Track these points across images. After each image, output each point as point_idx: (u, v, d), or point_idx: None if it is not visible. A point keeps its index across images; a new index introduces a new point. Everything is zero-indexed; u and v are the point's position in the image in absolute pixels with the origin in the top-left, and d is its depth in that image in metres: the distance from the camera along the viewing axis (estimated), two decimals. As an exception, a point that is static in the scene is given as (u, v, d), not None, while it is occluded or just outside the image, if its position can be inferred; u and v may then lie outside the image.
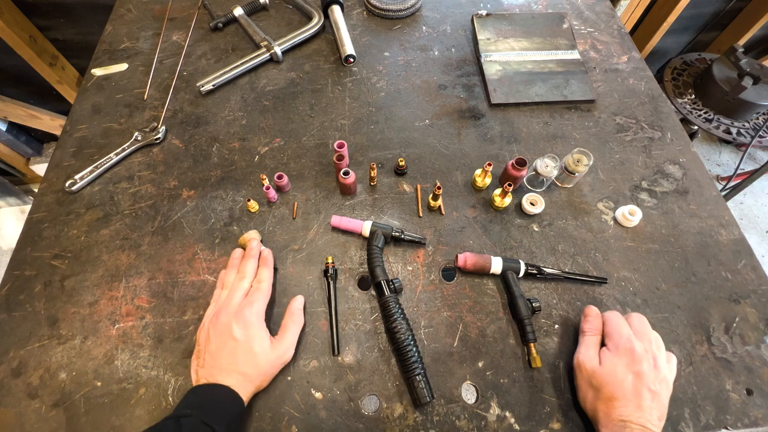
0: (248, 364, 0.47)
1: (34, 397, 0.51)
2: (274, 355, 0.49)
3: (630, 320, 0.51)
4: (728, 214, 0.65)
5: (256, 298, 0.52)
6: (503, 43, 0.83)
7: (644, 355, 0.46)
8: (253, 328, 0.49)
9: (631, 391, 0.44)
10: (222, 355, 0.48)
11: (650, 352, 0.47)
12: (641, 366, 0.45)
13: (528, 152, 0.71)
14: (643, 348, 0.47)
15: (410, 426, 0.49)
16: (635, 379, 0.45)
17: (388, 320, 0.53)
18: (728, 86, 1.33)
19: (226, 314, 0.50)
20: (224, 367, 0.47)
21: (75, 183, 0.66)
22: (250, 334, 0.49)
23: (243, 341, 0.48)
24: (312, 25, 0.84)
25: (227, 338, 0.48)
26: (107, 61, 0.82)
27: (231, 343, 0.48)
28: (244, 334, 0.48)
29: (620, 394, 0.44)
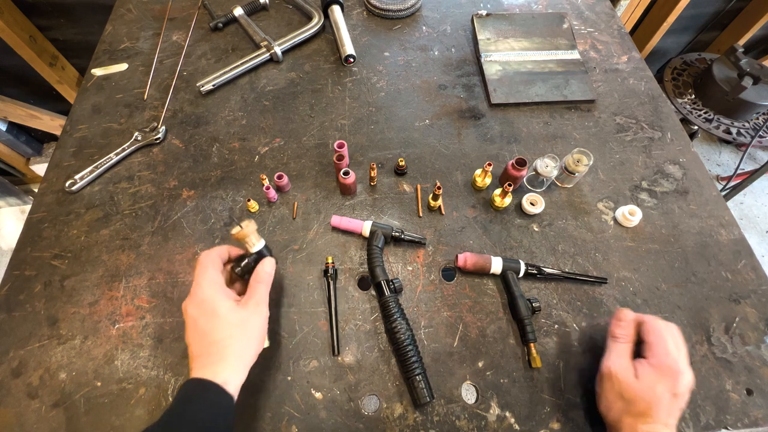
0: (217, 330, 0.44)
1: (34, 397, 0.51)
2: (244, 312, 0.46)
3: (669, 332, 0.47)
4: (728, 214, 0.65)
5: (205, 263, 0.47)
6: (503, 43, 0.83)
7: (686, 375, 0.44)
8: (202, 294, 0.45)
9: (666, 410, 0.43)
10: (192, 341, 0.44)
11: (689, 371, 0.45)
12: (682, 387, 0.44)
13: (528, 152, 0.71)
14: (686, 368, 0.45)
15: (410, 426, 0.49)
16: (672, 398, 0.43)
17: (388, 320, 0.53)
18: (728, 86, 1.33)
19: (186, 303, 0.47)
20: (197, 353, 0.44)
21: (75, 183, 0.66)
22: (206, 301, 0.45)
23: (201, 312, 0.44)
24: (312, 25, 0.84)
25: (188, 323, 0.45)
26: (107, 61, 0.82)
27: (191, 324, 0.45)
28: (199, 305, 0.45)
29: (655, 412, 0.43)
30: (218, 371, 0.42)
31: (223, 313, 0.44)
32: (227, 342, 0.43)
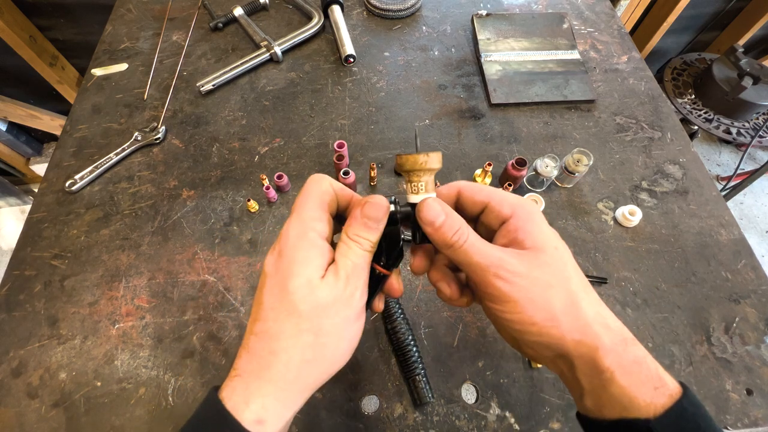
0: (273, 317, 0.26)
1: (34, 397, 0.51)
2: (333, 292, 0.26)
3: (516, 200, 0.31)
4: (728, 214, 0.65)
5: (302, 202, 0.29)
6: (503, 43, 0.83)
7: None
8: (290, 249, 0.27)
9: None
10: (252, 316, 0.28)
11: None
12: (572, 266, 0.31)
13: (528, 152, 0.71)
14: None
15: (410, 426, 0.49)
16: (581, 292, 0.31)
17: (388, 320, 0.53)
18: (728, 86, 1.33)
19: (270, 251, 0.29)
20: (247, 344, 0.27)
21: (75, 183, 0.66)
22: (284, 257, 0.27)
23: (275, 271, 0.27)
24: (312, 25, 0.84)
25: (260, 281, 0.28)
26: (107, 61, 0.82)
27: (260, 287, 0.28)
28: (276, 260, 0.28)
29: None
30: (253, 397, 0.25)
31: (296, 278, 0.26)
32: (282, 344, 0.26)
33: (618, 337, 0.27)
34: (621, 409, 0.26)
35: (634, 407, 0.25)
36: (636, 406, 0.25)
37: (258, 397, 0.25)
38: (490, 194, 0.30)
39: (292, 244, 0.27)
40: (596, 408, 0.27)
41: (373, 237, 0.29)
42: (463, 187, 0.32)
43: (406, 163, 0.30)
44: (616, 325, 0.28)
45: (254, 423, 0.24)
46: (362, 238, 0.29)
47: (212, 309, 0.57)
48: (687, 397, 0.26)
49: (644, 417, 0.25)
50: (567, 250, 0.29)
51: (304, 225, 0.28)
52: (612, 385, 0.26)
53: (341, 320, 0.27)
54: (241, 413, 0.24)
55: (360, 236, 0.28)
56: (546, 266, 0.27)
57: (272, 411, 0.25)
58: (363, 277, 0.28)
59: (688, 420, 0.25)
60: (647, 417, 0.25)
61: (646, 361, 0.27)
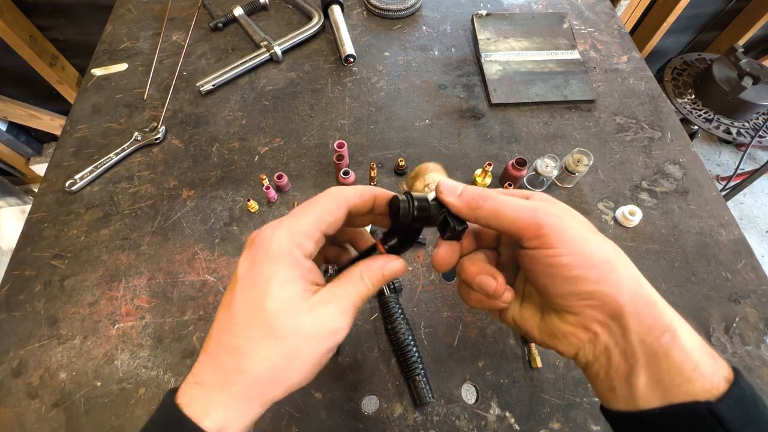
0: (245, 322, 0.25)
1: (34, 397, 0.51)
2: (310, 307, 0.25)
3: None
4: (728, 214, 0.65)
5: (302, 212, 0.27)
6: (503, 43, 0.83)
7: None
8: (268, 262, 0.25)
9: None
10: (218, 315, 0.26)
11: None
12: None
13: (528, 152, 0.71)
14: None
15: (410, 426, 0.49)
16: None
17: (388, 320, 0.53)
18: (728, 86, 1.33)
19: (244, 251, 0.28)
20: (210, 344, 0.26)
21: (75, 183, 0.66)
22: (262, 275, 0.25)
23: (250, 272, 0.26)
24: (312, 25, 0.84)
25: (229, 289, 0.27)
26: (107, 61, 0.82)
27: (230, 286, 0.26)
28: (253, 258, 0.26)
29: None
30: (214, 407, 0.24)
31: (274, 299, 0.25)
32: (253, 363, 0.24)
33: (673, 312, 0.25)
34: (682, 382, 0.23)
35: (697, 378, 0.22)
36: (699, 376, 0.22)
37: (219, 409, 0.24)
38: (498, 220, 0.27)
39: (273, 256, 0.25)
40: (650, 386, 0.24)
41: (378, 288, 0.29)
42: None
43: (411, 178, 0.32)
44: (664, 304, 0.26)
45: (216, 430, 0.24)
46: (371, 282, 0.28)
47: (212, 309, 0.57)
48: (742, 376, 0.24)
49: (705, 398, 0.22)
50: (608, 246, 0.27)
51: (292, 239, 0.26)
52: (675, 348, 0.23)
53: (321, 349, 0.26)
54: (202, 421, 0.24)
55: (371, 280, 0.28)
56: (596, 246, 0.26)
57: (233, 421, 0.24)
58: (354, 315, 0.27)
59: (747, 399, 0.23)
60: (709, 398, 0.22)
61: (699, 338, 0.25)
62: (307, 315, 0.25)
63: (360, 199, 0.29)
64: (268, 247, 0.25)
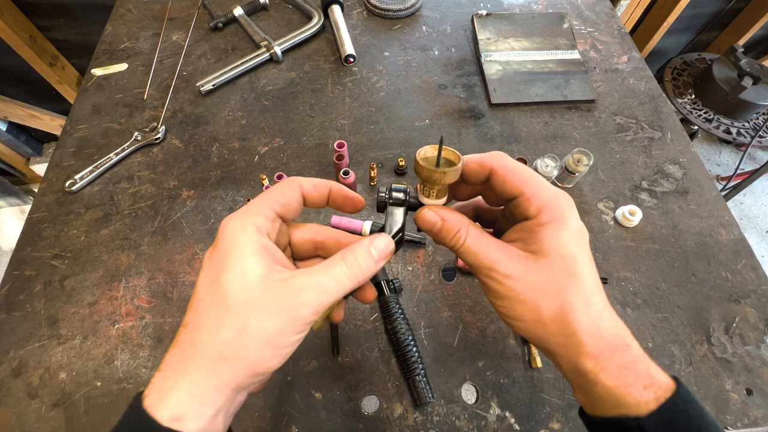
0: (203, 297, 0.25)
1: (34, 397, 0.51)
2: (269, 292, 0.24)
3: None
4: (728, 214, 0.65)
5: (256, 198, 0.28)
6: (503, 43, 0.83)
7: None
8: (227, 242, 0.26)
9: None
10: (178, 334, 0.26)
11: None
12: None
13: (528, 152, 0.71)
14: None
15: (410, 426, 0.49)
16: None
17: (388, 320, 0.53)
18: (728, 86, 1.33)
19: None
20: (170, 362, 0.25)
21: (75, 183, 0.66)
22: (220, 254, 0.26)
23: (206, 268, 0.26)
24: (312, 24, 0.84)
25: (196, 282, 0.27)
26: (107, 61, 0.82)
27: (193, 293, 0.26)
28: (209, 258, 0.26)
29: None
30: (168, 393, 0.23)
31: (229, 272, 0.25)
32: (202, 336, 0.24)
33: (607, 345, 0.26)
34: (611, 408, 0.26)
35: (623, 405, 0.25)
36: (626, 405, 0.25)
37: (173, 393, 0.23)
38: (523, 187, 0.28)
39: (228, 236, 0.26)
40: (587, 404, 0.28)
41: (368, 270, 0.27)
42: (498, 169, 0.29)
43: (421, 174, 0.30)
44: (611, 333, 0.27)
45: (171, 420, 0.22)
46: (355, 263, 0.27)
47: (212, 309, 0.56)
48: (679, 394, 0.25)
49: (635, 415, 0.25)
50: (580, 260, 0.27)
51: (245, 219, 0.27)
52: (597, 386, 0.26)
53: (272, 326, 0.24)
54: (157, 411, 0.23)
55: (355, 261, 0.27)
56: (543, 273, 0.27)
57: (188, 407, 0.23)
58: (324, 298, 0.25)
59: (679, 415, 0.25)
60: (638, 415, 0.25)
61: (636, 364, 0.26)
62: (258, 289, 0.24)
63: (314, 189, 0.30)
64: (225, 230, 0.26)
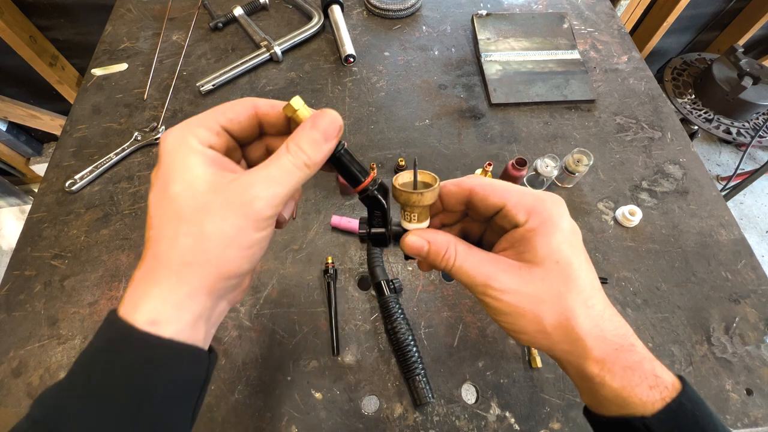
0: (158, 210, 0.25)
1: (34, 397, 0.51)
2: (218, 194, 0.24)
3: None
4: (728, 214, 0.65)
5: (205, 112, 0.27)
6: (503, 43, 0.83)
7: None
8: (168, 155, 0.25)
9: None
10: (143, 252, 0.26)
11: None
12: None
13: (528, 152, 0.71)
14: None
15: (410, 426, 0.49)
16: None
17: (388, 320, 0.53)
18: (728, 86, 1.33)
19: None
20: (138, 276, 0.25)
21: (75, 183, 0.66)
22: (164, 169, 0.25)
23: (154, 186, 0.25)
24: (312, 24, 0.84)
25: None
26: (107, 61, 0.82)
27: (147, 213, 0.26)
28: (155, 174, 0.26)
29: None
30: (142, 301, 0.24)
31: (176, 183, 0.24)
32: (163, 247, 0.24)
33: (612, 346, 0.26)
34: (617, 408, 0.26)
35: (629, 406, 0.26)
36: (632, 405, 0.25)
37: (146, 301, 0.24)
38: (506, 196, 0.28)
39: (170, 149, 0.25)
40: (594, 405, 0.28)
41: (313, 154, 0.25)
42: (476, 187, 0.29)
43: (399, 198, 0.29)
44: (614, 334, 0.27)
45: (148, 324, 0.23)
46: (300, 151, 0.25)
47: (212, 309, 0.56)
48: (685, 394, 0.26)
49: (640, 414, 0.25)
50: (575, 263, 0.28)
51: (184, 130, 0.26)
52: (603, 388, 0.26)
53: (229, 226, 0.24)
54: (132, 316, 0.23)
55: (299, 148, 0.25)
56: (540, 281, 0.27)
57: (163, 312, 0.23)
58: (276, 189, 0.24)
59: (686, 415, 0.25)
60: (644, 414, 0.25)
61: (642, 364, 0.26)
62: (208, 194, 0.24)
63: (272, 109, 0.28)
64: (165, 145, 0.26)
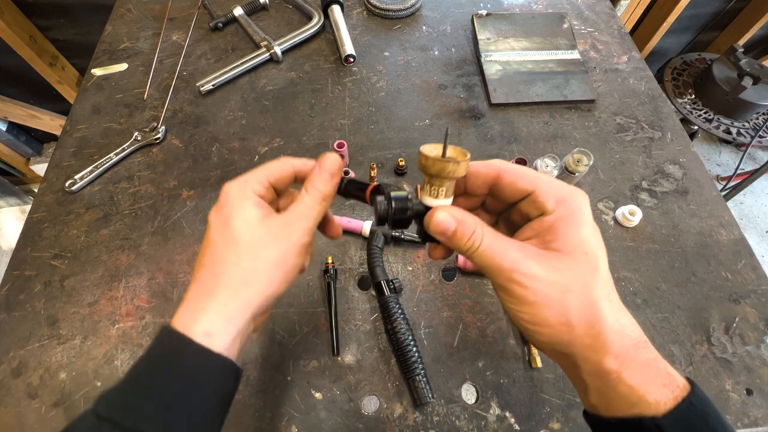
0: (219, 245, 0.30)
1: (34, 397, 0.51)
2: (268, 229, 0.31)
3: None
4: (728, 214, 0.65)
5: (252, 170, 0.33)
6: (503, 42, 0.83)
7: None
8: (230, 200, 0.31)
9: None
10: (198, 263, 0.31)
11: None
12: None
13: (528, 152, 0.71)
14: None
15: (410, 426, 0.49)
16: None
17: (388, 320, 0.53)
18: (728, 86, 1.33)
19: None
20: (194, 279, 0.31)
21: (75, 183, 0.66)
22: (226, 210, 0.31)
23: (217, 218, 0.31)
24: (312, 24, 0.84)
25: (204, 237, 0.32)
26: (107, 61, 0.82)
27: (205, 238, 0.32)
28: (218, 209, 0.32)
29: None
30: (199, 314, 0.28)
31: (236, 219, 0.30)
32: (225, 268, 0.29)
33: (631, 342, 0.26)
34: (629, 406, 0.26)
35: (642, 404, 0.25)
36: (644, 403, 0.25)
37: (204, 314, 0.28)
38: (535, 182, 0.29)
39: (232, 195, 0.31)
40: (602, 405, 0.27)
41: (324, 188, 0.32)
42: (506, 170, 0.30)
43: (432, 168, 0.27)
44: (633, 329, 0.27)
45: (203, 335, 0.28)
46: (315, 189, 0.32)
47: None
48: (695, 394, 0.26)
49: (652, 414, 0.25)
50: (600, 256, 0.27)
51: (243, 184, 0.32)
52: (619, 385, 0.26)
53: (278, 251, 0.30)
54: (191, 329, 0.28)
55: (314, 187, 0.32)
56: (568, 270, 0.26)
57: (217, 325, 0.28)
58: (306, 223, 0.32)
59: (696, 414, 0.25)
60: (655, 415, 0.25)
61: (656, 362, 0.26)
62: (262, 227, 0.31)
63: (304, 166, 0.34)
64: (228, 193, 0.32)
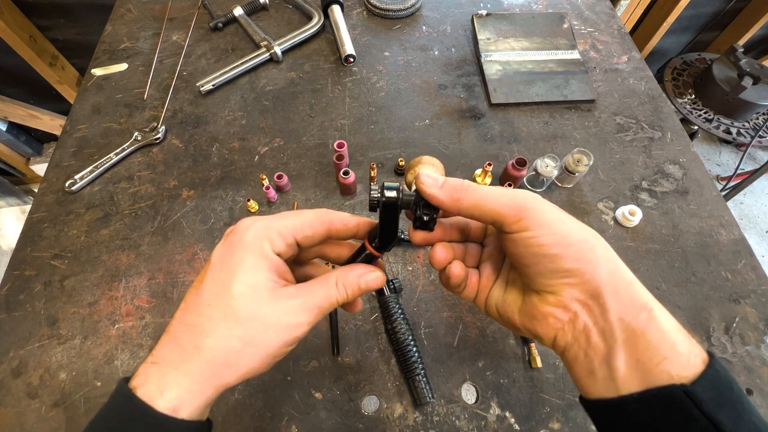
0: (213, 301, 0.26)
1: (34, 397, 0.51)
2: (274, 311, 0.26)
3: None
4: (728, 214, 0.65)
5: (286, 215, 0.29)
6: (503, 43, 0.83)
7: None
8: (242, 248, 0.26)
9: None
10: (184, 302, 0.27)
11: None
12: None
13: (528, 152, 0.71)
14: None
15: (410, 426, 0.49)
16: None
17: (388, 320, 0.53)
18: (728, 86, 1.33)
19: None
20: (171, 327, 0.26)
21: (75, 183, 0.66)
22: (234, 258, 0.26)
23: (216, 268, 0.27)
24: (312, 24, 0.84)
25: (201, 273, 0.28)
26: (107, 61, 0.82)
27: (201, 274, 0.27)
28: (221, 259, 0.27)
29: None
30: (168, 386, 0.24)
31: (241, 284, 0.25)
32: (210, 343, 0.25)
33: (652, 297, 0.26)
34: (660, 360, 0.23)
35: (673, 356, 0.23)
36: (676, 354, 0.23)
37: (173, 387, 0.24)
38: (490, 202, 0.27)
39: (245, 244, 0.27)
40: (629, 364, 0.24)
41: (353, 296, 0.29)
42: (463, 200, 0.27)
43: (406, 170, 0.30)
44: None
45: (169, 410, 0.24)
46: (344, 291, 0.29)
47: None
48: (714, 358, 0.24)
49: (681, 380, 0.22)
50: (592, 239, 0.27)
51: (265, 232, 0.27)
52: (652, 326, 0.23)
53: (276, 340, 0.26)
54: (155, 401, 0.24)
55: (347, 289, 0.29)
56: (578, 233, 0.27)
57: (186, 401, 0.24)
58: (317, 317, 0.28)
59: (722, 382, 0.23)
60: (684, 380, 0.22)
61: (676, 323, 0.25)
62: (268, 304, 0.26)
63: (342, 225, 0.30)
64: (243, 236, 0.27)
